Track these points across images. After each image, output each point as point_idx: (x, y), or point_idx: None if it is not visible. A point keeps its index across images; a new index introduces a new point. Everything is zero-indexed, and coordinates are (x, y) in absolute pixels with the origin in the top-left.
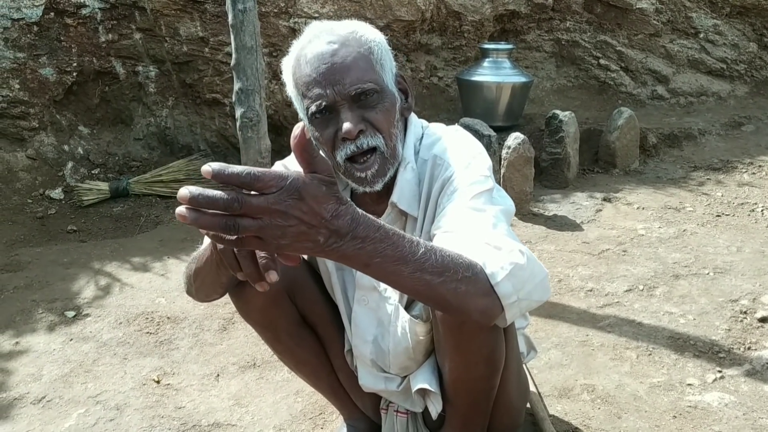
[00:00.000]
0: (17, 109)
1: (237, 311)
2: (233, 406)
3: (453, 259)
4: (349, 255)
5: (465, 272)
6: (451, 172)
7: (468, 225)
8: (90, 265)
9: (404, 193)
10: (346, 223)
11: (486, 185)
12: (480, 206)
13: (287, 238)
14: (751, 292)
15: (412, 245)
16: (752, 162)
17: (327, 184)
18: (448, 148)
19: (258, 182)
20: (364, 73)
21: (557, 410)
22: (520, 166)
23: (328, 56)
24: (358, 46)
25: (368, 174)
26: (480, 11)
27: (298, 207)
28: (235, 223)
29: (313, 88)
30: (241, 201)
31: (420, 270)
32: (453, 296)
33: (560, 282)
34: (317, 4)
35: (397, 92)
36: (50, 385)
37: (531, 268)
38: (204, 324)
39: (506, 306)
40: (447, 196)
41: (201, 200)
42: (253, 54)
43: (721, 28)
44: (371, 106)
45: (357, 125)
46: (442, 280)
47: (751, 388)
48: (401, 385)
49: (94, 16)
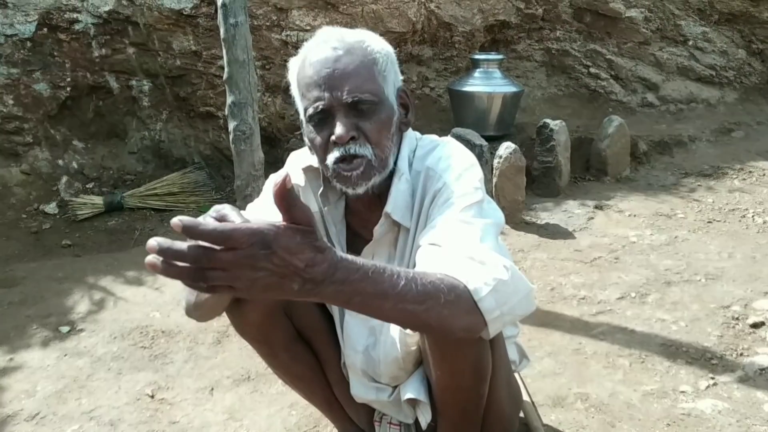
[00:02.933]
0: (11, 124)
1: (232, 326)
2: (227, 420)
3: (435, 284)
4: (328, 297)
5: (447, 296)
6: (442, 183)
7: (455, 238)
8: (84, 279)
9: (398, 203)
10: (322, 270)
11: (476, 197)
12: (468, 219)
13: (257, 289)
14: (742, 298)
15: (393, 278)
16: (742, 168)
17: (303, 233)
18: (441, 159)
19: (228, 241)
20: (363, 82)
21: (551, 419)
22: (511, 175)
23: (332, 61)
24: (362, 56)
25: (353, 174)
26: (470, 22)
27: (268, 260)
28: (204, 275)
29: (313, 90)
30: (209, 256)
31: (402, 302)
32: (436, 321)
33: (553, 290)
34: (309, 17)
35: (397, 106)
36: (44, 402)
37: (515, 283)
38: (198, 337)
39: (489, 321)
40: (437, 207)
41: (169, 253)
42: (245, 67)
43: (710, 35)
44: (366, 117)
45: (349, 132)
46: (424, 308)
47: (744, 395)
48: (392, 395)
49: (87, 32)
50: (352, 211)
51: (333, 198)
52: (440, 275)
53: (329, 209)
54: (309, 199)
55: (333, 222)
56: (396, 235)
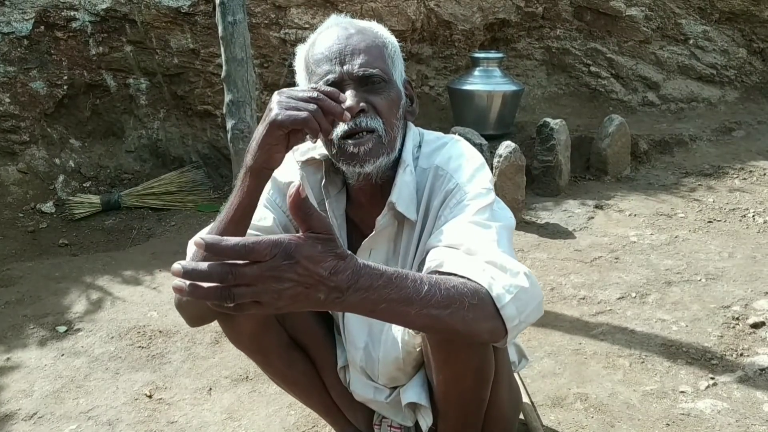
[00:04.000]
0: (8, 122)
1: (226, 336)
2: (226, 420)
3: (458, 288)
4: (353, 305)
5: (471, 299)
6: (454, 184)
7: (473, 241)
8: (82, 279)
9: (403, 194)
10: (346, 278)
11: (488, 199)
12: (483, 221)
13: (284, 300)
14: (743, 298)
15: (416, 284)
16: (743, 167)
17: (323, 242)
18: (451, 158)
19: (252, 253)
20: (375, 59)
21: (550, 420)
22: (511, 174)
23: (344, 38)
24: (374, 37)
25: (361, 150)
26: (470, 20)
27: (292, 270)
28: (230, 293)
29: (323, 65)
30: (234, 272)
31: (426, 306)
32: (462, 325)
33: (553, 290)
34: (308, 15)
35: (404, 94)
36: (42, 401)
37: (533, 291)
38: (196, 337)
39: (510, 329)
40: (449, 209)
41: (194, 275)
42: (243, 66)
43: (711, 34)
44: (376, 92)
45: (359, 103)
46: (449, 312)
47: (744, 395)
48: (390, 397)
49: (85, 30)
50: (353, 203)
51: (333, 190)
52: (462, 279)
53: (330, 202)
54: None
55: (334, 215)
56: (396, 230)
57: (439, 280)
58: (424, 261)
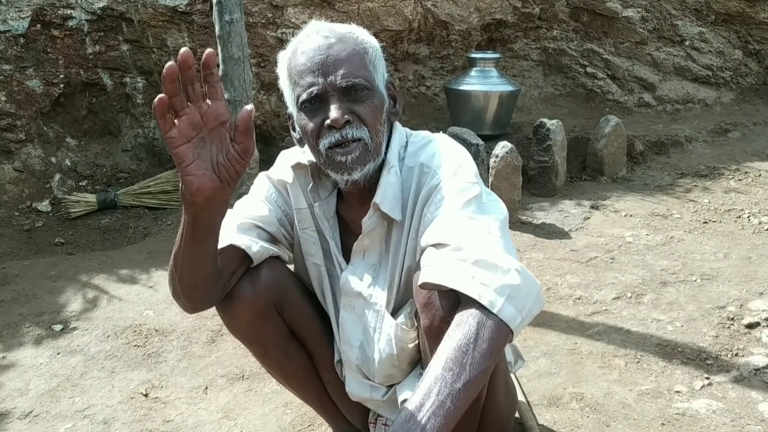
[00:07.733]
0: (4, 121)
1: (225, 325)
2: (222, 419)
3: (466, 338)
4: None
5: (479, 335)
6: (438, 179)
7: (460, 236)
8: (77, 277)
9: (387, 195)
10: None
11: (473, 192)
12: (471, 214)
13: None
14: (738, 299)
15: (447, 375)
16: (738, 168)
17: None
18: (435, 155)
19: None
20: (356, 68)
21: (546, 419)
22: (508, 174)
23: (324, 48)
24: (354, 44)
25: (348, 159)
26: (467, 21)
27: None
28: None
29: (306, 77)
30: None
31: (467, 381)
32: (490, 359)
33: (549, 290)
34: (305, 14)
35: (387, 96)
36: (37, 400)
37: (527, 285)
38: (192, 336)
39: (514, 328)
40: (434, 204)
41: None
42: (240, 65)
43: (707, 35)
44: (360, 101)
45: (344, 115)
46: (480, 363)
47: (739, 395)
48: (386, 395)
49: (81, 28)
50: (345, 203)
51: (323, 193)
52: (456, 322)
53: (320, 204)
54: (298, 195)
55: (325, 217)
56: (386, 231)
57: (446, 351)
58: (414, 259)
